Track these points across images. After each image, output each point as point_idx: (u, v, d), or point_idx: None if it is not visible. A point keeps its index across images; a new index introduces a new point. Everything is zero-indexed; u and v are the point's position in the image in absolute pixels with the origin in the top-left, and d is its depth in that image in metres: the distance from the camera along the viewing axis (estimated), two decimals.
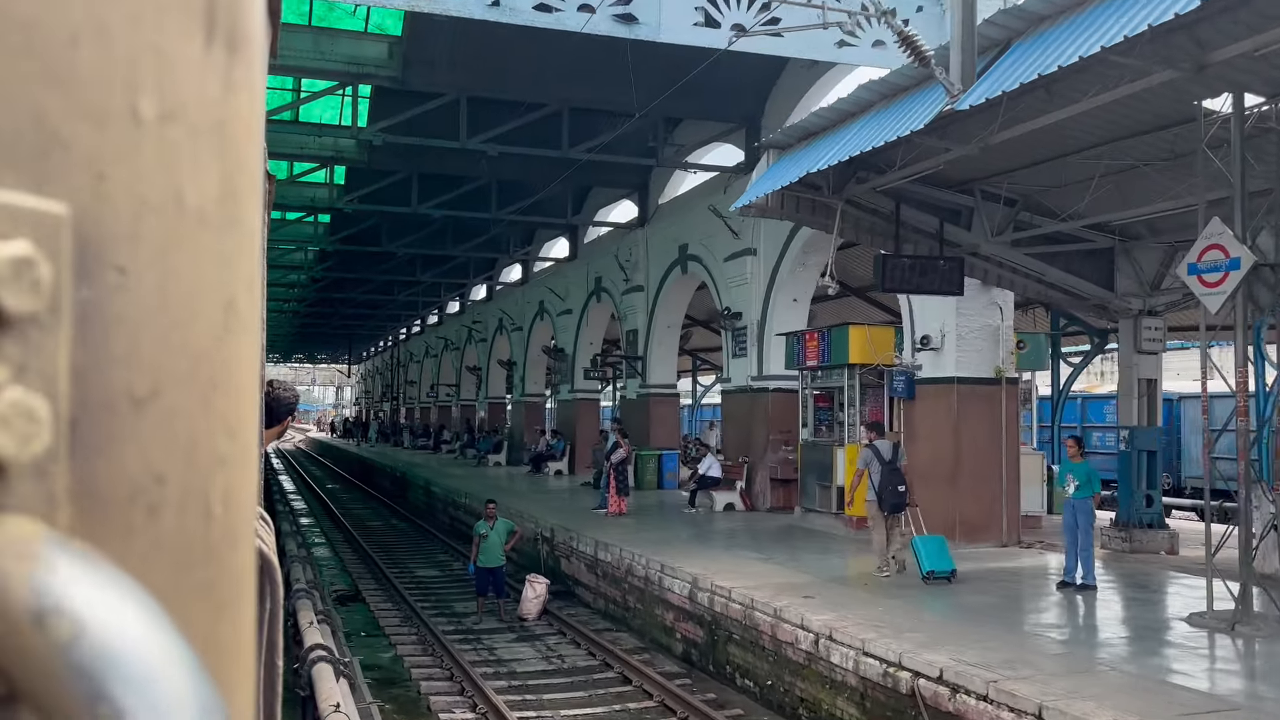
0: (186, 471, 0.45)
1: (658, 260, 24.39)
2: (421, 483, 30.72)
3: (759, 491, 19.02)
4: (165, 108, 0.44)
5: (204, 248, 0.46)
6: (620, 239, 26.68)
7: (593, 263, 28.86)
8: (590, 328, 29.90)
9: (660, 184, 25.08)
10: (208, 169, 0.46)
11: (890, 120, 10.30)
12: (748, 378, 19.43)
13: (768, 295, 18.99)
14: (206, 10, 0.46)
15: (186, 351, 0.45)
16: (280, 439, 6.02)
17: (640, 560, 13.49)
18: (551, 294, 32.12)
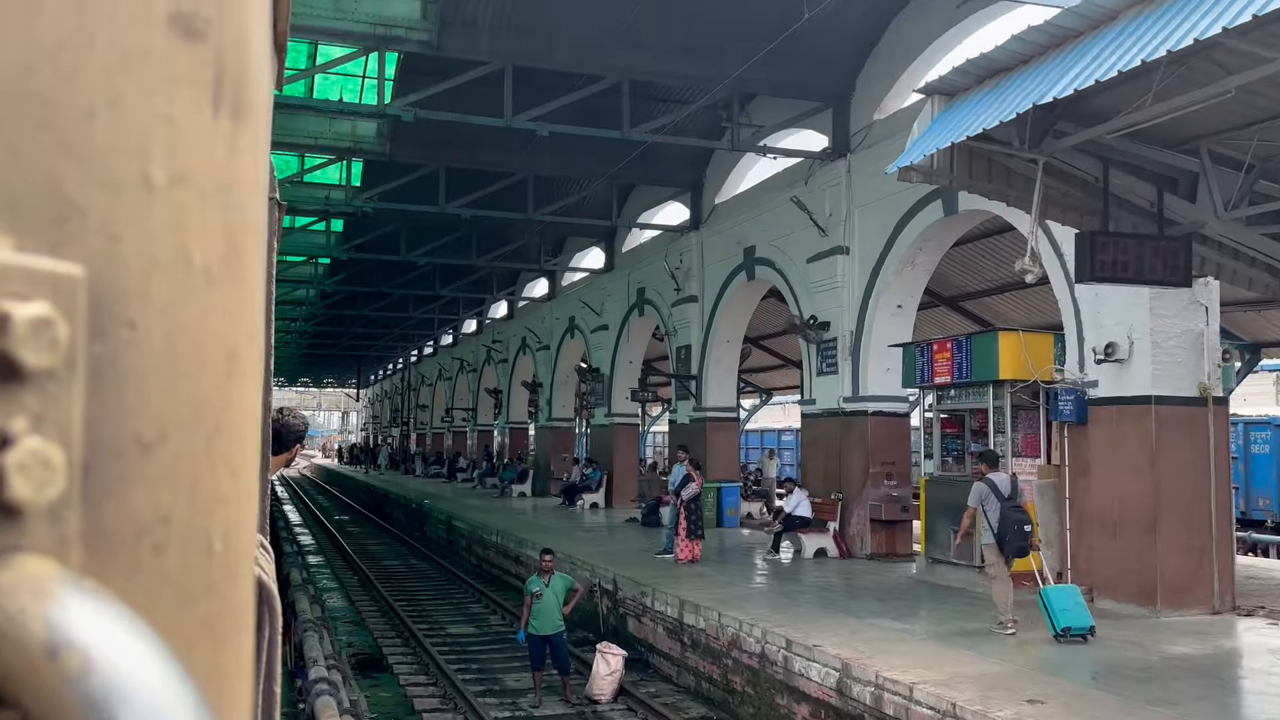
0: (190, 511, 0.48)
1: (716, 266, 21.50)
2: (441, 516, 27.72)
3: (855, 534, 16.02)
4: (175, 173, 0.47)
5: (209, 303, 0.49)
6: (668, 245, 23.81)
7: (634, 272, 25.98)
8: (631, 344, 26.98)
9: (717, 181, 22.22)
10: (214, 229, 0.49)
11: (1115, 47, 7.45)
12: (838, 399, 16.47)
13: (865, 302, 16.07)
14: (214, 82, 0.49)
15: (192, 399, 0.48)
16: (288, 466, 5.82)
17: (752, 631, 10.49)
18: (585, 308, 29.22)
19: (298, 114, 19.47)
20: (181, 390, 0.48)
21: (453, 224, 24.78)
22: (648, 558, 16.25)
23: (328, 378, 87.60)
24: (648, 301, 25.23)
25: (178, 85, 0.47)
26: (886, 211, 15.61)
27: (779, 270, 18.72)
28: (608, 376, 27.86)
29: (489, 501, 30.65)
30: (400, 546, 27.97)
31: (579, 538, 19.72)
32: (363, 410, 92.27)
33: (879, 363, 15.93)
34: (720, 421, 21.75)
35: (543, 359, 34.15)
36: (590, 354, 29.29)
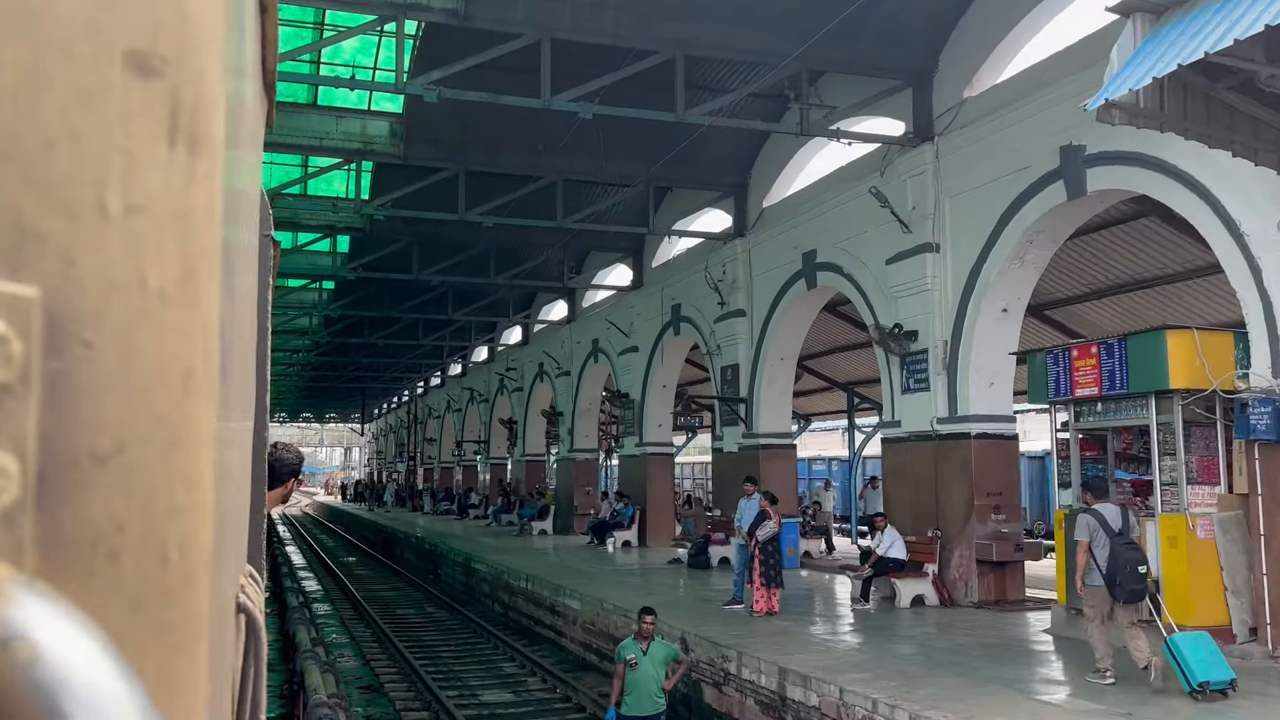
0: (145, 521, 0.50)
1: (768, 276, 19.27)
2: (458, 558, 25.32)
3: (957, 578, 13.67)
4: (131, 202, 0.50)
5: (165, 323, 0.52)
6: (707, 255, 21.60)
7: (668, 287, 23.76)
8: (665, 367, 24.71)
9: (765, 182, 20.04)
10: (169, 254, 0.52)
11: None
12: (930, 420, 14.18)
13: (963, 306, 13.82)
14: (170, 117, 0.52)
15: (148, 414, 0.51)
16: (285, 503, 5.06)
17: (895, 715, 8.14)
18: (611, 329, 26.97)
19: (301, 112, 18.46)
20: (138, 405, 0.50)
21: (468, 239, 23.77)
22: (712, 608, 13.89)
23: (330, 412, 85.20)
24: (684, 319, 22.99)
25: (134, 120, 0.51)
26: (987, 200, 13.41)
27: (848, 275, 16.48)
28: (638, 403, 25.58)
29: (508, 541, 28.26)
30: (414, 592, 25.54)
31: (623, 583, 17.35)
32: (366, 445, 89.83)
33: (981, 376, 13.66)
34: (776, 449, 19.43)
35: (562, 386, 31.89)
36: (618, 378, 27.01)
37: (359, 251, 27.33)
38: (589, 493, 30.84)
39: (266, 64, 1.17)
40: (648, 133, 18.43)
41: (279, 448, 4.19)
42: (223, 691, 0.83)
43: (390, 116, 18.57)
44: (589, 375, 30.01)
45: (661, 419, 25.25)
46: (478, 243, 25.31)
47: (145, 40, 0.51)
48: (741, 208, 20.73)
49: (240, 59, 0.80)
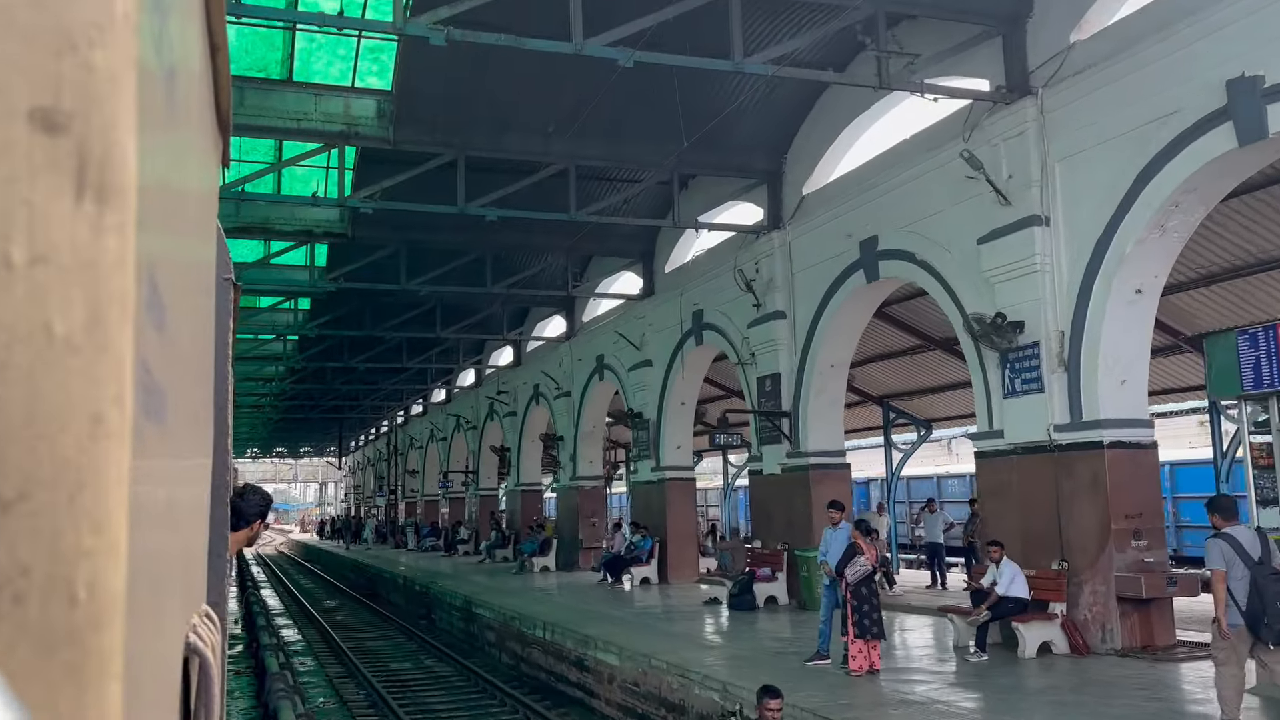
0: (51, 563, 0.51)
1: (813, 272, 16.85)
2: (456, 601, 22.57)
3: (1091, 619, 11.16)
4: (35, 253, 0.51)
5: (71, 370, 0.52)
6: (735, 252, 19.15)
7: (688, 292, 21.28)
8: (685, 381, 22.19)
9: (807, 162, 17.64)
10: (76, 302, 0.52)
11: None
12: (1046, 428, 11.73)
13: (1086, 288, 11.43)
14: (77, 170, 0.53)
15: (53, 459, 0.51)
16: (251, 545, 5.08)
17: None
18: (621, 342, 24.44)
19: (274, 90, 16.58)
20: (43, 451, 0.51)
21: (461, 245, 23.20)
22: (791, 665, 11.29)
23: (304, 446, 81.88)
24: (708, 326, 20.51)
25: (39, 174, 0.51)
26: (1114, 158, 11.06)
27: (922, 262, 14.06)
28: (654, 422, 23.03)
29: (508, 580, 25.54)
30: (406, 641, 22.74)
31: (662, 631, 14.72)
32: (344, 479, 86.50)
33: (1111, 372, 11.24)
34: (827, 470, 16.91)
35: (562, 408, 29.29)
36: (629, 396, 24.45)
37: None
38: (595, 524, 28.21)
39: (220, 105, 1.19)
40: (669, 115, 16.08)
41: (247, 489, 4.08)
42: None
43: (378, 95, 16.13)
44: (593, 395, 27.44)
45: (681, 440, 22.71)
46: (472, 248, 22.81)
47: (50, 97, 0.52)
48: (776, 197, 18.32)
49: (171, 105, 0.78)
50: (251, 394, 45.80)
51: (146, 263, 0.62)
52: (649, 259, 23.97)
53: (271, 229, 21.07)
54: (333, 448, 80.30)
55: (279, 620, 26.16)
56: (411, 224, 21.47)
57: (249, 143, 18.20)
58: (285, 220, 21.17)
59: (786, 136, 17.94)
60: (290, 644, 22.41)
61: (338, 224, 21.45)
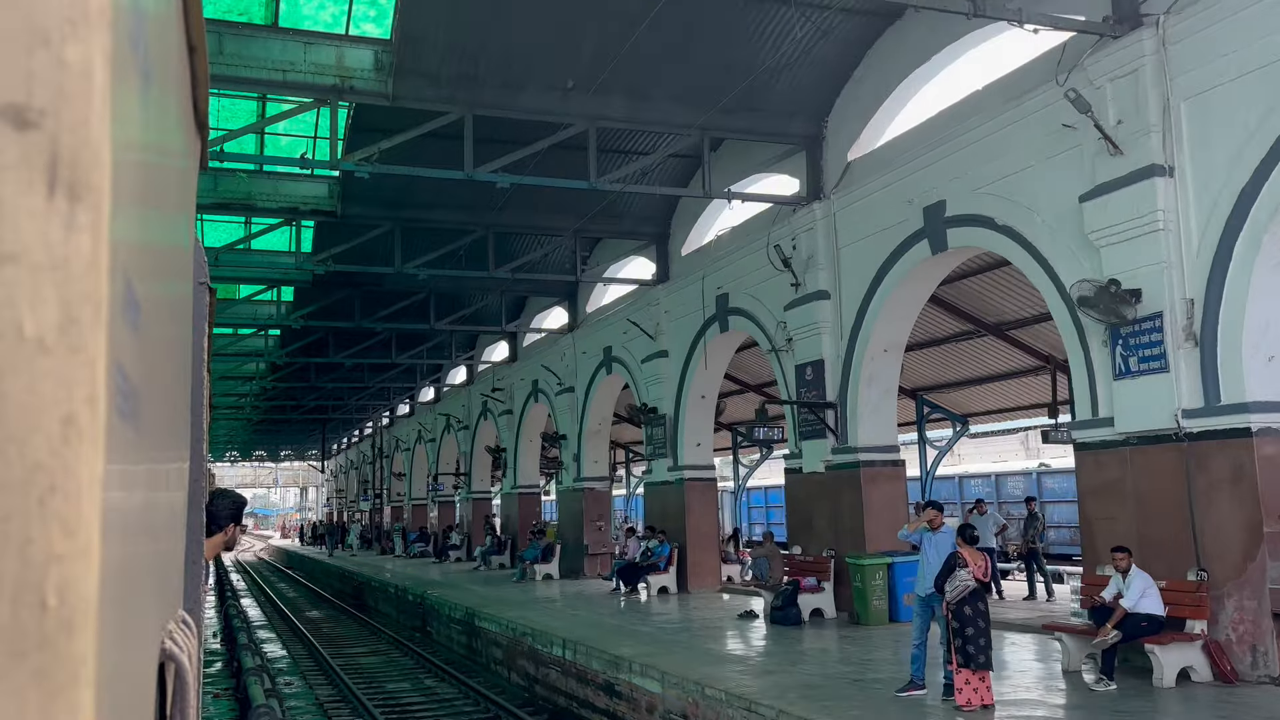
0: (20, 568, 0.50)
1: (864, 244, 15.07)
2: (456, 614, 20.66)
3: (1239, 640, 9.39)
4: (5, 251, 0.51)
5: (43, 370, 0.51)
6: (768, 228, 17.34)
7: (710, 275, 19.45)
8: (706, 374, 20.35)
9: (850, 128, 15.87)
10: (48, 302, 0.52)
11: None
12: (1173, 413, 9.95)
13: (1223, 249, 9.67)
14: (48, 167, 0.52)
15: (23, 462, 0.50)
16: (230, 550, 4.71)
17: None
18: (633, 331, 22.60)
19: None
20: (11, 454, 0.50)
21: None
22: (878, 695, 9.46)
23: (285, 449, 79.52)
24: (735, 311, 18.69)
25: (9, 171, 0.51)
26: (1262, 92, 9.32)
27: (1004, 228, 12.28)
28: (671, 418, 21.20)
29: (509, 589, 23.64)
30: (401, 656, 20.79)
31: (707, 651, 12.87)
32: (326, 484, 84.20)
33: (1257, 348, 9.49)
34: (880, 467, 15.12)
35: (565, 404, 27.40)
36: (641, 390, 22.60)
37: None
38: (601, 528, 26.36)
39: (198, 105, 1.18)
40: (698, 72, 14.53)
41: (216, 494, 4.00)
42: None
43: (375, 44, 14.58)
44: (600, 390, 25.57)
45: (701, 436, 20.89)
46: (472, 228, 21.36)
47: (21, 94, 0.51)
48: (816, 165, 16.51)
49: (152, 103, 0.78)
50: (230, 394, 43.72)
51: (121, 262, 0.59)
52: (663, 242, 22.14)
53: (254, 205, 19.17)
54: (314, 451, 77.98)
55: (261, 634, 24.16)
56: (406, 201, 20.25)
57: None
58: (268, 196, 19.29)
59: (828, 99, 16.15)
60: (274, 660, 20.46)
61: (326, 200, 19.67)
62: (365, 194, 19.52)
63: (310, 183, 19.52)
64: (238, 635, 19.67)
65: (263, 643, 22.57)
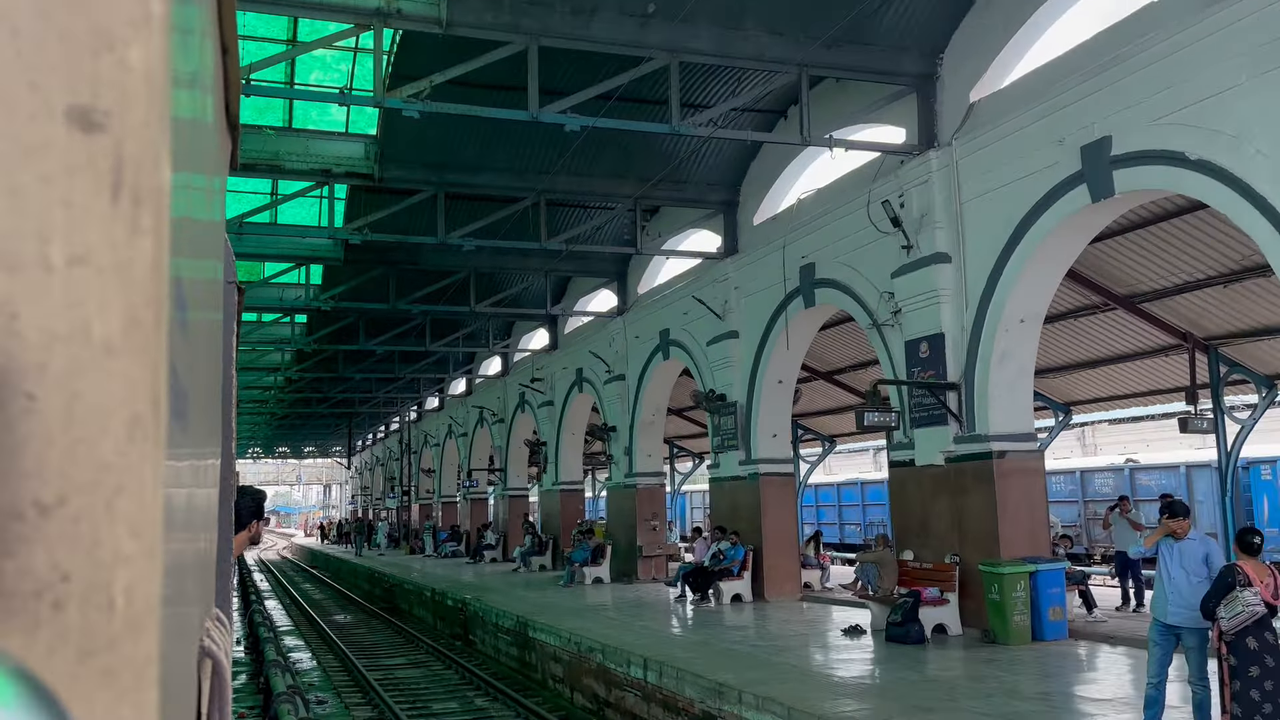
0: (91, 569, 0.51)
1: (998, 194, 12.84)
2: (506, 623, 18.56)
3: None
4: (73, 254, 0.51)
5: (110, 372, 0.52)
6: (868, 186, 15.14)
7: (792, 244, 17.25)
8: (784, 357, 18.18)
9: (981, 55, 13.62)
10: (113, 304, 0.52)
11: None
12: None
13: None
14: (114, 169, 0.52)
15: (92, 463, 0.51)
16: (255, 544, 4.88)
17: None
18: (696, 311, 20.44)
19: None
20: (81, 455, 0.50)
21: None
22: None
23: (309, 445, 77.79)
24: (823, 282, 16.47)
25: (76, 173, 0.51)
26: None
27: (1201, 163, 10.01)
28: (742, 406, 19.03)
29: (557, 594, 21.56)
30: (445, 670, 18.70)
31: (831, 681, 10.66)
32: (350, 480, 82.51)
33: None
34: (1018, 458, 12.87)
35: (613, 394, 25.26)
36: (705, 376, 20.42)
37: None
38: (656, 528, 24.21)
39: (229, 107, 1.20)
40: None
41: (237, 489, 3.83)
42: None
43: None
44: (655, 377, 23.43)
45: (778, 426, 18.70)
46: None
47: (87, 95, 0.51)
48: (929, 109, 14.27)
49: (194, 105, 0.78)
50: (254, 386, 41.85)
51: (173, 264, 0.59)
52: (731, 210, 19.95)
53: (281, 166, 17.10)
54: (339, 447, 76.26)
55: (287, 639, 22.15)
56: (451, 163, 18.35)
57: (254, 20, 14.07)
58: (298, 156, 17.21)
59: (945, 31, 13.93)
60: (303, 672, 18.45)
61: (362, 162, 17.68)
62: (406, 155, 17.76)
63: (345, 142, 17.61)
64: (265, 647, 17.64)
65: (290, 651, 20.59)
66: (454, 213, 19.37)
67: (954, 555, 13.11)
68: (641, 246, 19.59)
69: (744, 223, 19.67)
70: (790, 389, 18.68)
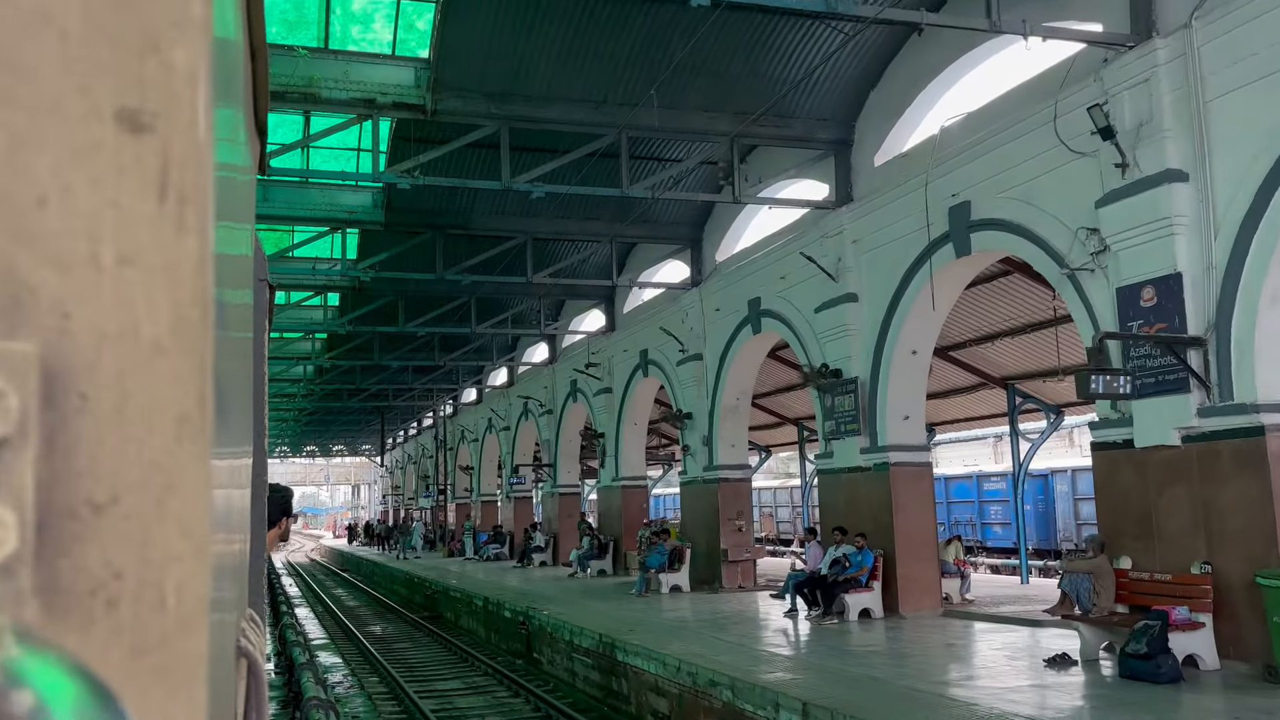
0: (142, 568, 0.51)
1: (1250, 90, 9.63)
2: (584, 641, 15.51)
3: None
4: (122, 254, 0.51)
5: (158, 371, 0.52)
6: (1055, 95, 11.97)
7: (936, 180, 14.10)
8: (929, 318, 15.03)
9: None
10: (161, 304, 0.53)
11: None
12: None
13: None
14: (161, 170, 0.53)
15: (142, 462, 0.52)
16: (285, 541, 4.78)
17: None
18: (795, 274, 17.32)
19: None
20: (132, 454, 0.51)
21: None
22: None
23: (337, 444, 75.12)
24: (982, 224, 13.32)
25: (125, 174, 0.51)
26: None
27: None
28: (864, 383, 15.90)
29: (633, 605, 18.55)
30: (511, 698, 15.67)
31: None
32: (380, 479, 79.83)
33: None
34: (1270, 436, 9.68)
35: (688, 376, 22.19)
36: (811, 350, 17.31)
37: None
38: (742, 529, 21.11)
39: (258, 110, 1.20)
40: None
41: None
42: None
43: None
44: (741, 354, 20.34)
45: (911, 407, 15.55)
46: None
47: (135, 97, 0.52)
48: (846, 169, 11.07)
49: (230, 108, 0.79)
50: (282, 379, 39.05)
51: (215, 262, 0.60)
52: (845, 150, 16.77)
53: (317, 95, 14.12)
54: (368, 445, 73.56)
55: (322, 655, 19.20)
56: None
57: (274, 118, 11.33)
58: (337, 83, 14.22)
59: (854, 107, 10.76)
60: (345, 699, 15.53)
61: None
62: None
63: (391, 66, 14.90)
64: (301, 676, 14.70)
65: (327, 671, 17.64)
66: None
67: (1204, 564, 9.93)
68: (740, 193, 16.44)
69: (861, 164, 16.51)
70: (926, 361, 15.54)
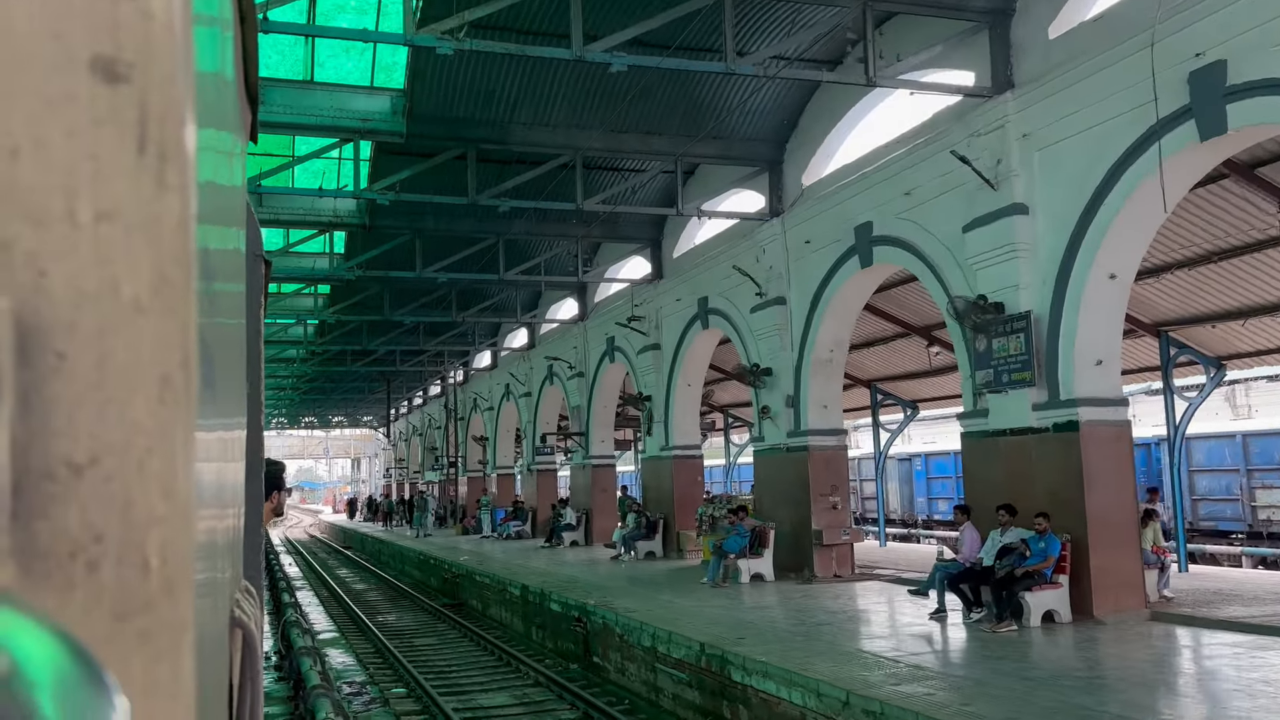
0: (123, 530, 0.50)
1: None
2: (676, 651, 11.94)
3: None
4: (101, 209, 0.50)
5: (139, 331, 0.51)
6: None
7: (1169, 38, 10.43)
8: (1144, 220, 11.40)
9: None
10: (142, 261, 0.51)
11: None
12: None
13: None
14: (139, 122, 0.51)
15: (123, 423, 0.50)
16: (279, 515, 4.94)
17: None
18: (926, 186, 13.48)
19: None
20: (112, 415, 0.50)
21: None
22: None
23: (336, 414, 71.36)
24: (1252, 88, 9.71)
25: (101, 126, 0.50)
26: None
27: None
28: (1044, 321, 12.25)
29: (712, 599, 15.13)
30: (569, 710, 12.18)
31: None
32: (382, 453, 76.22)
33: None
34: None
35: (765, 325, 18.61)
36: (958, 280, 13.64)
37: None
38: (837, 507, 17.52)
39: (248, 77, 1.16)
40: None
41: None
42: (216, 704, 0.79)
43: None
44: (839, 294, 16.70)
45: (1103, 351, 11.92)
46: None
47: (110, 45, 0.50)
48: None
49: (215, 67, 0.77)
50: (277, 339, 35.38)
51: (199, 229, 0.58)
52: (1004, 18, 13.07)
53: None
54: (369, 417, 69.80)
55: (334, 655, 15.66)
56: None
57: None
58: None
59: None
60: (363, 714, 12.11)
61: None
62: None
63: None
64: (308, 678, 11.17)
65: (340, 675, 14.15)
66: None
67: None
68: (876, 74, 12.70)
69: (1034, 40, 12.77)
70: (1126, 290, 11.90)
